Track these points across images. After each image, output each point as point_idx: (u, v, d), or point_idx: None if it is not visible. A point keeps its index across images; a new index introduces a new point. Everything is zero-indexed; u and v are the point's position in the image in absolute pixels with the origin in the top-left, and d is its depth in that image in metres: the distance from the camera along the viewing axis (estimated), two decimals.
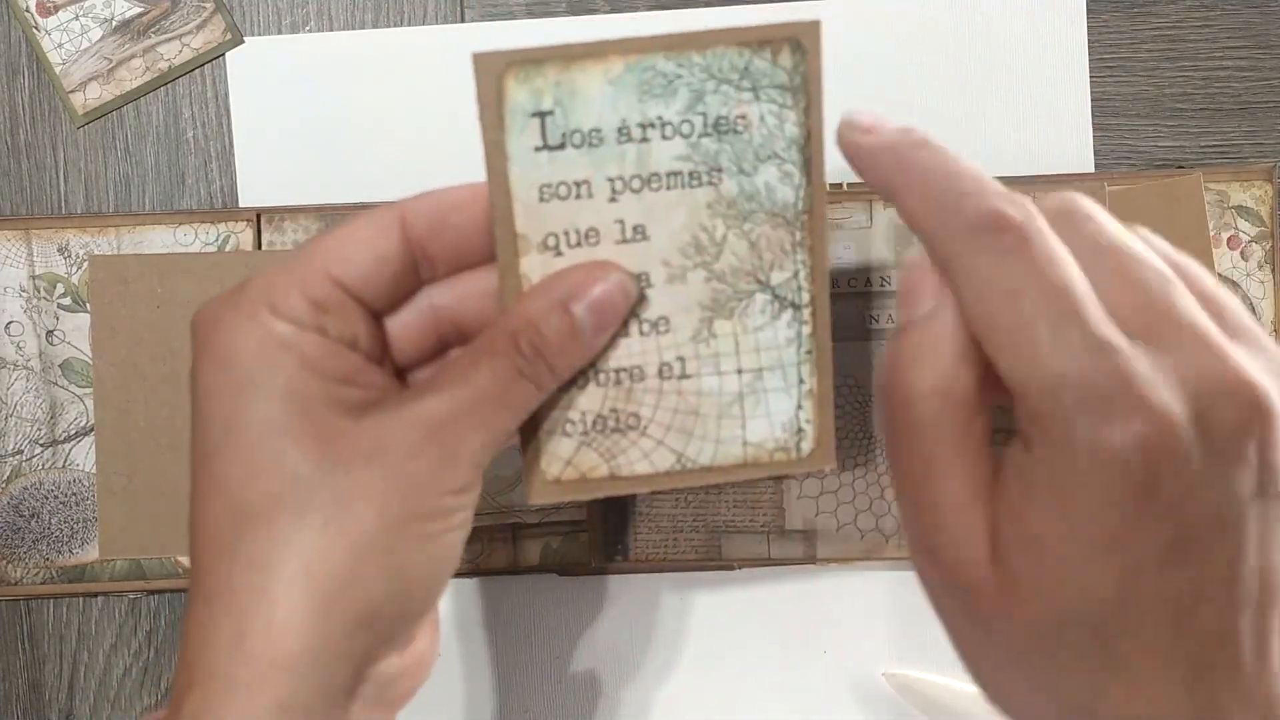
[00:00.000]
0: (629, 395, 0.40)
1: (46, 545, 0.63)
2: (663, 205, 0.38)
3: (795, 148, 0.39)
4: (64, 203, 0.64)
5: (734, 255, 0.39)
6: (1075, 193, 0.37)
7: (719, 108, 0.38)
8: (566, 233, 0.38)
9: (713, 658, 0.64)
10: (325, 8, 0.64)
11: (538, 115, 0.37)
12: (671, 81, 0.37)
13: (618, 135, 0.38)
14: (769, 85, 0.38)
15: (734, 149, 0.38)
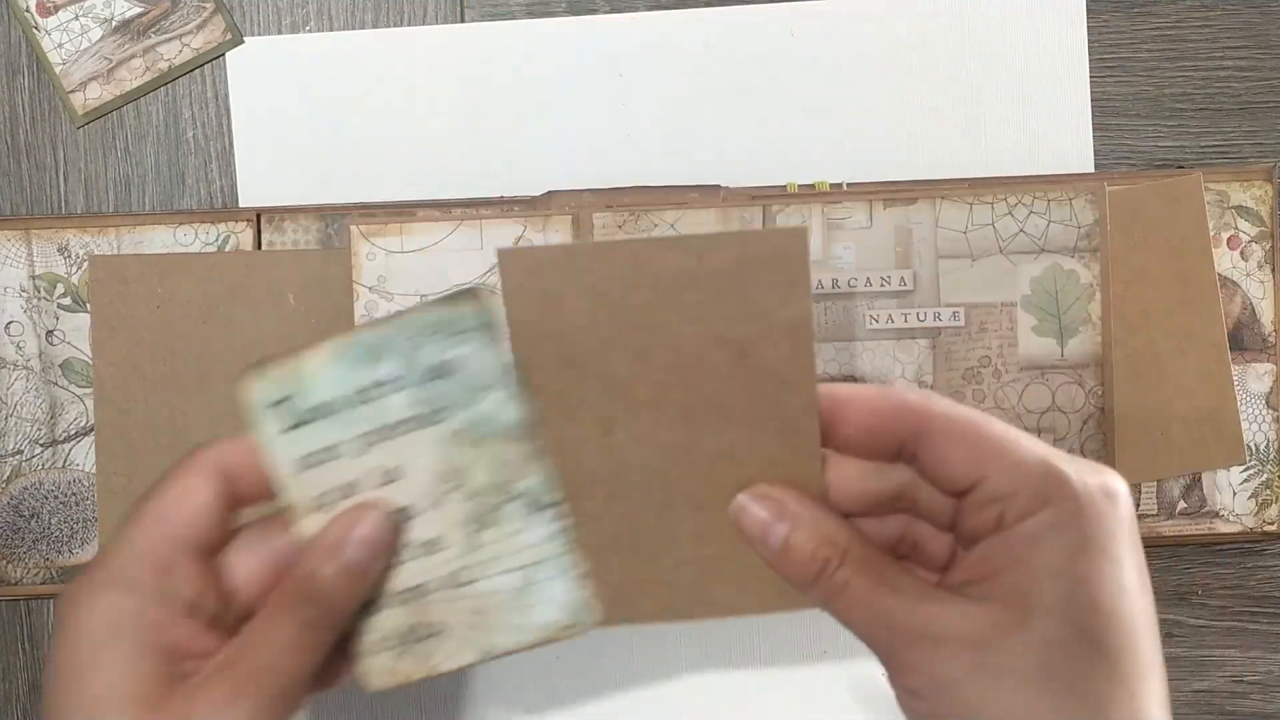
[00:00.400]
0: (424, 609, 0.44)
1: (46, 545, 0.63)
2: (408, 447, 0.43)
3: (507, 372, 0.43)
4: (64, 203, 0.64)
5: (481, 474, 0.43)
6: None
7: (430, 357, 0.43)
8: (330, 491, 0.43)
9: (713, 658, 0.64)
10: (325, 8, 0.64)
11: (275, 404, 0.42)
12: (378, 349, 0.43)
13: (350, 401, 0.43)
14: (467, 328, 0.43)
15: (455, 387, 0.43)
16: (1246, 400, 0.63)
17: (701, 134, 0.64)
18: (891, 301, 0.62)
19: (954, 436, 0.42)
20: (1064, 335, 0.62)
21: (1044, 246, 0.61)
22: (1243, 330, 0.63)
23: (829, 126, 0.64)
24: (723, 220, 0.62)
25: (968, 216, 0.61)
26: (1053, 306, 0.62)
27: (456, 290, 0.43)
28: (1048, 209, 0.61)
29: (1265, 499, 0.63)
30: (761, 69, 0.64)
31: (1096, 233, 0.61)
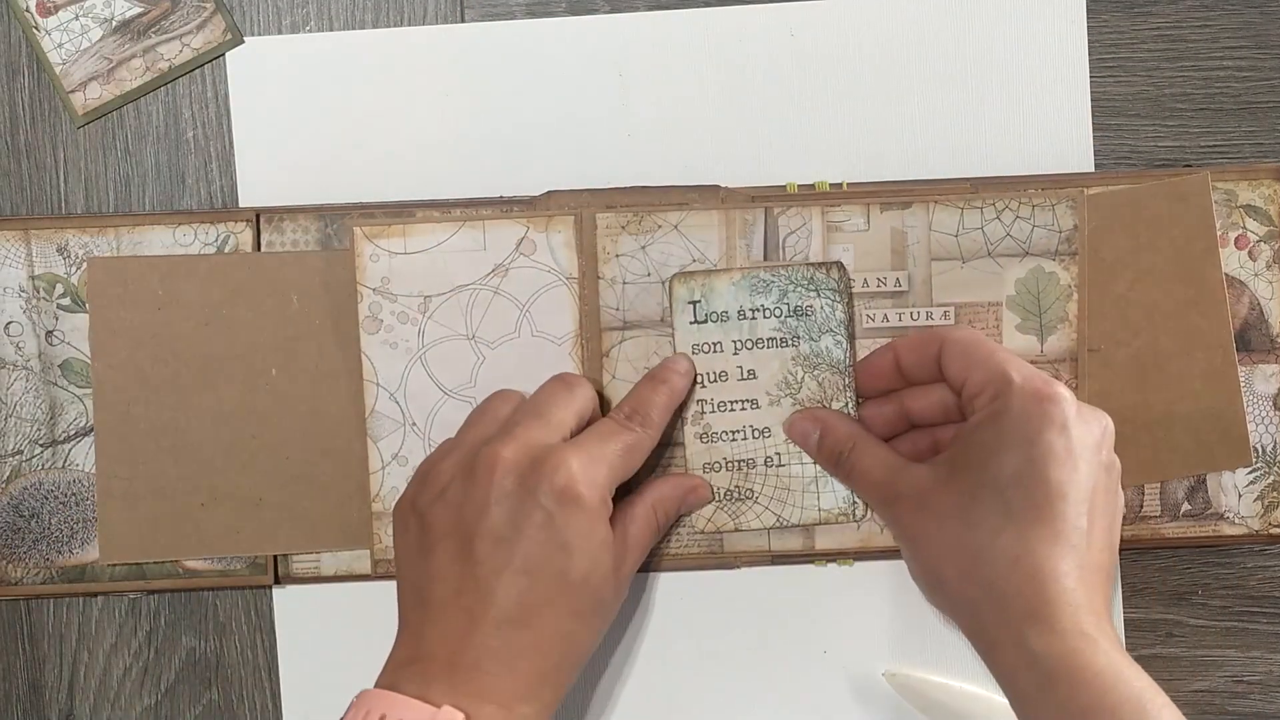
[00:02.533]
0: (747, 478, 0.63)
1: (46, 545, 0.63)
2: (765, 357, 0.62)
3: (843, 325, 0.62)
4: (64, 203, 0.64)
5: (809, 389, 0.62)
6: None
7: (798, 300, 0.62)
8: (707, 373, 0.62)
9: (713, 657, 0.64)
10: (325, 8, 0.64)
11: (691, 303, 0.62)
12: (768, 284, 0.62)
13: (738, 314, 0.62)
14: (826, 288, 0.62)
15: (806, 325, 0.62)
16: (1253, 402, 0.63)
17: (701, 134, 0.64)
18: (887, 301, 0.62)
19: (956, 350, 0.58)
20: (1044, 333, 0.62)
21: (1028, 250, 0.62)
22: (1250, 331, 0.63)
23: (829, 126, 0.64)
24: (723, 220, 0.62)
25: (959, 220, 0.61)
26: (1034, 306, 0.62)
27: (830, 262, 0.62)
28: (1032, 214, 0.61)
29: (1272, 501, 0.63)
30: (761, 69, 0.64)
31: (1076, 237, 0.61)
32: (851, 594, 0.64)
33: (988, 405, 0.56)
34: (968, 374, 0.57)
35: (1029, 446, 0.54)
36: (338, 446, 0.63)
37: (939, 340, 0.59)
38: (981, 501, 0.54)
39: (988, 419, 0.56)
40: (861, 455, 0.60)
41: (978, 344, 0.58)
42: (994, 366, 0.56)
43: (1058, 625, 0.52)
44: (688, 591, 0.64)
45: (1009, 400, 0.55)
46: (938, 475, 0.57)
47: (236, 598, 0.64)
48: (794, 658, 0.64)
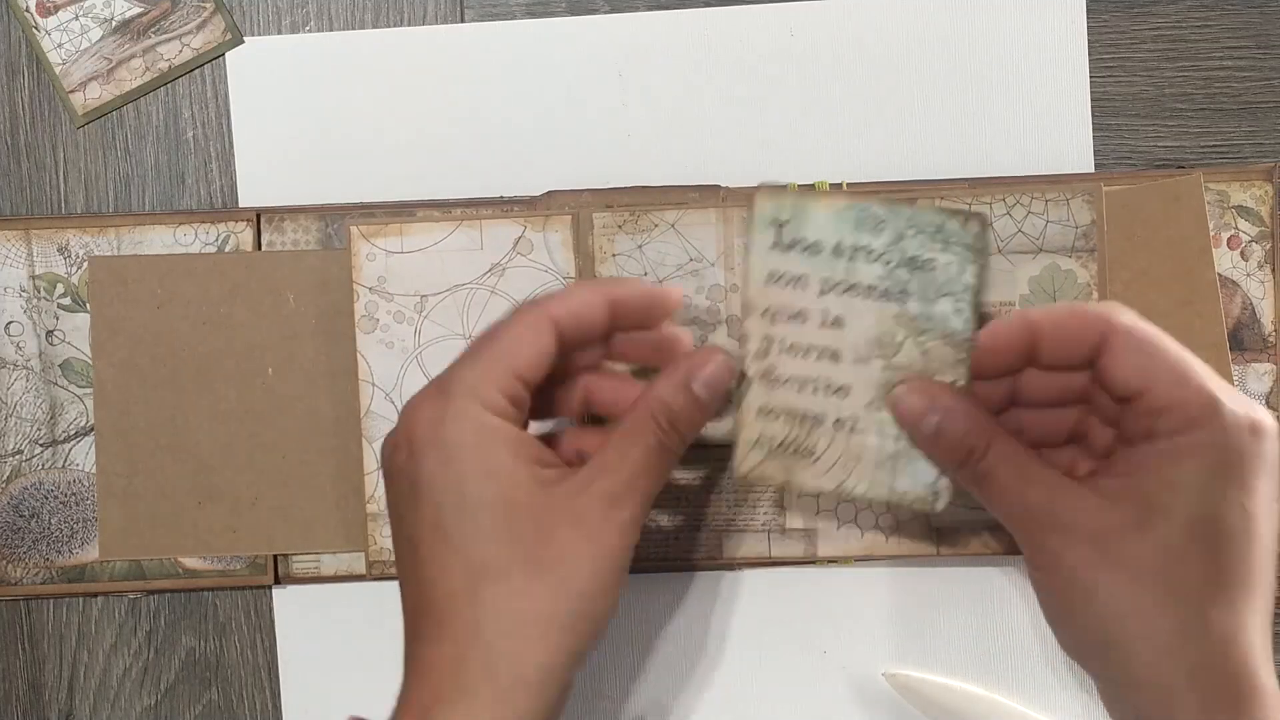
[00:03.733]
0: (810, 434, 0.52)
1: (46, 545, 0.63)
2: (859, 307, 0.51)
3: (969, 291, 0.51)
4: (64, 203, 0.64)
5: (908, 356, 0.51)
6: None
7: (916, 249, 0.50)
8: (781, 309, 0.52)
9: (713, 658, 0.64)
10: (325, 8, 0.64)
11: (775, 223, 0.51)
12: (881, 222, 0.50)
13: (833, 250, 0.51)
14: (957, 243, 0.50)
15: (922, 281, 0.51)
16: None
17: (701, 134, 0.64)
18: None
19: (1131, 347, 0.48)
20: None
21: (1042, 247, 0.61)
22: (1243, 330, 0.63)
23: (829, 126, 0.64)
24: (721, 219, 0.62)
25: None
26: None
27: (969, 211, 0.51)
28: (1045, 209, 0.61)
29: None
30: (761, 69, 0.64)
31: (1094, 233, 0.61)
32: (851, 594, 0.64)
33: (1185, 431, 0.46)
34: (1149, 383, 0.47)
35: (1246, 496, 0.45)
36: (334, 447, 0.63)
37: (1102, 325, 0.48)
38: (1190, 561, 0.45)
39: (1189, 451, 0.46)
40: (1002, 463, 0.48)
41: (1160, 343, 0.48)
42: (1193, 382, 0.46)
43: (1260, 717, 0.45)
44: (688, 591, 0.64)
45: (1221, 433, 0.45)
46: (1121, 513, 0.46)
47: (236, 598, 0.64)
48: (794, 658, 0.64)
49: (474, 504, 0.48)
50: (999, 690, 0.63)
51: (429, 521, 0.48)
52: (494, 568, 0.47)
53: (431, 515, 0.48)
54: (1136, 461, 0.47)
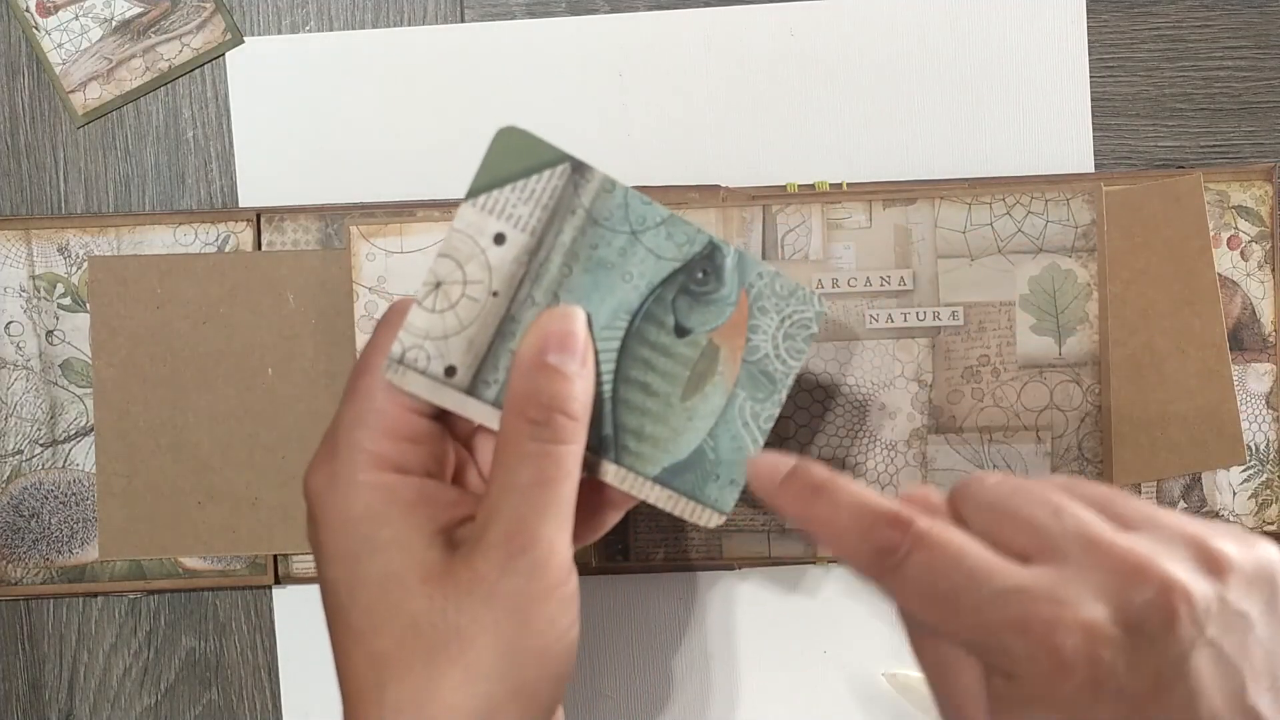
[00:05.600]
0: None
1: (46, 545, 0.63)
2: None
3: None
4: (64, 203, 0.64)
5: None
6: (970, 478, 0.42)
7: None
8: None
9: (713, 658, 0.64)
10: (325, 8, 0.64)
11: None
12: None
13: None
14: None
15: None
16: (1246, 400, 0.63)
17: (701, 134, 0.64)
18: (891, 301, 0.62)
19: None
20: (1062, 334, 0.62)
21: (1042, 246, 0.62)
22: (1243, 330, 0.63)
23: (829, 126, 0.64)
24: (720, 219, 0.62)
25: (966, 216, 0.61)
26: (1050, 306, 0.62)
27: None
28: (1045, 209, 0.61)
29: (1265, 499, 0.63)
30: (761, 69, 0.64)
31: (1094, 232, 0.61)
32: (851, 594, 0.64)
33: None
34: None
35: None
36: None
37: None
38: None
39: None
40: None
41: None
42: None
43: None
44: (687, 592, 0.64)
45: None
46: None
47: (236, 598, 0.64)
48: (794, 658, 0.64)
49: (368, 586, 0.42)
50: None
51: (331, 606, 0.43)
52: (394, 660, 0.41)
53: (333, 599, 0.43)
54: None
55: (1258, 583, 0.39)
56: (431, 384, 0.44)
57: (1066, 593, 0.37)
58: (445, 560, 0.42)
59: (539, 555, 0.42)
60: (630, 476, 0.46)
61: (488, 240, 0.44)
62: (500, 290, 0.44)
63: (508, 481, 0.42)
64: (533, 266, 0.44)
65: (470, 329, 0.44)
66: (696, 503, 0.46)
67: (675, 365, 0.45)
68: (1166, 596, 0.37)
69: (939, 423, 0.62)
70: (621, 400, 0.45)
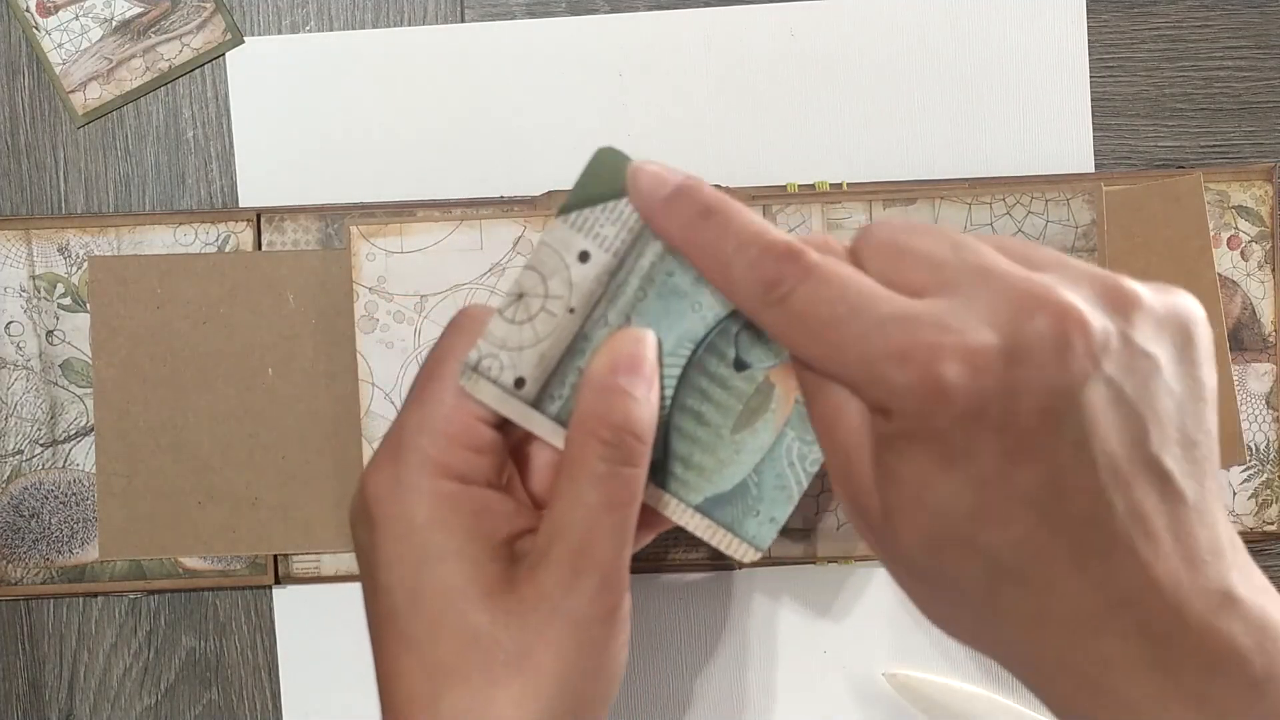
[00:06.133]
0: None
1: (46, 545, 0.63)
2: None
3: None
4: (64, 203, 0.64)
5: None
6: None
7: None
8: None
9: (713, 658, 0.64)
10: (325, 8, 0.64)
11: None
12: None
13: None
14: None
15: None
16: (1246, 400, 0.63)
17: (701, 134, 0.64)
18: None
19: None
20: None
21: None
22: (1243, 330, 0.63)
23: (829, 126, 0.64)
24: None
25: (966, 216, 0.61)
26: None
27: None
28: (1045, 209, 0.61)
29: (1265, 499, 0.63)
30: (761, 69, 0.64)
31: (1094, 232, 0.61)
32: (851, 594, 0.64)
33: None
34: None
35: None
36: (333, 447, 0.63)
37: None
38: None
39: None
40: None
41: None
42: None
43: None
44: (687, 592, 0.64)
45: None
46: None
47: (236, 598, 0.64)
48: (794, 658, 0.64)
49: (430, 595, 0.41)
50: (999, 690, 0.63)
51: (384, 613, 0.42)
52: (452, 670, 0.41)
53: (386, 606, 0.42)
54: None
55: (1168, 326, 0.37)
56: (501, 394, 0.44)
57: (952, 320, 0.35)
58: (507, 574, 0.42)
59: (603, 576, 0.41)
60: (674, 503, 0.46)
61: (573, 257, 0.44)
62: (577, 307, 0.44)
63: (575, 499, 0.41)
64: (611, 287, 0.44)
65: (544, 343, 0.44)
66: (735, 536, 0.46)
67: (730, 398, 0.45)
68: (1060, 324, 0.35)
69: None
70: (675, 427, 0.45)
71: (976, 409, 0.35)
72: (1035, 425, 0.35)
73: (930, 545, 0.37)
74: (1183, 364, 0.37)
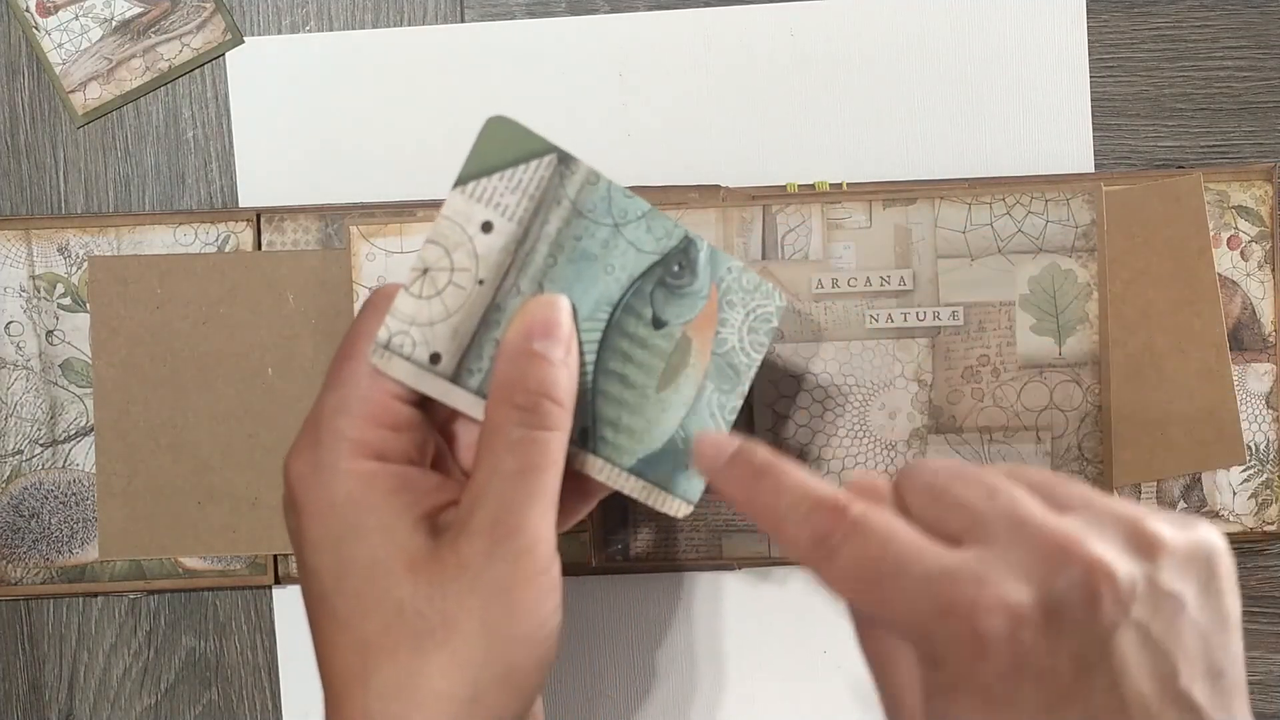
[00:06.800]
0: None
1: (46, 545, 0.63)
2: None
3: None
4: (64, 203, 0.64)
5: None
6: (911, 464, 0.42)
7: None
8: None
9: (713, 658, 0.64)
10: (325, 8, 0.64)
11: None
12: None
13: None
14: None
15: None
16: (1246, 400, 0.63)
17: (701, 134, 0.64)
18: (891, 301, 0.62)
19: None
20: (1062, 334, 0.62)
21: (1042, 246, 0.61)
22: (1243, 330, 0.63)
23: (829, 126, 0.64)
24: (720, 218, 0.62)
25: (966, 216, 0.61)
26: (1050, 306, 0.62)
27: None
28: (1045, 209, 0.61)
29: (1265, 499, 0.63)
30: (761, 69, 0.64)
31: (1094, 232, 0.61)
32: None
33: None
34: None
35: None
36: None
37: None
38: None
39: None
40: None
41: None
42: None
43: None
44: (687, 592, 0.64)
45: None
46: None
47: (236, 598, 0.64)
48: (794, 658, 0.64)
49: (353, 572, 0.42)
50: None
51: (314, 594, 0.43)
52: (380, 645, 0.41)
53: (315, 588, 0.43)
54: None
55: (1192, 564, 0.38)
56: (416, 371, 0.44)
57: (989, 573, 0.37)
58: (430, 546, 0.42)
59: (524, 542, 0.42)
60: (607, 467, 0.46)
61: (475, 228, 0.44)
62: (486, 279, 0.44)
63: (493, 467, 0.42)
64: (519, 256, 0.44)
65: (455, 316, 0.44)
66: (667, 493, 0.47)
67: (651, 357, 0.46)
68: (1089, 576, 0.36)
69: (939, 423, 0.62)
70: (600, 391, 0.46)
71: (1016, 662, 0.36)
72: (1071, 673, 0.36)
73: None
74: (1207, 596, 0.38)
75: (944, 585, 0.37)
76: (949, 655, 0.37)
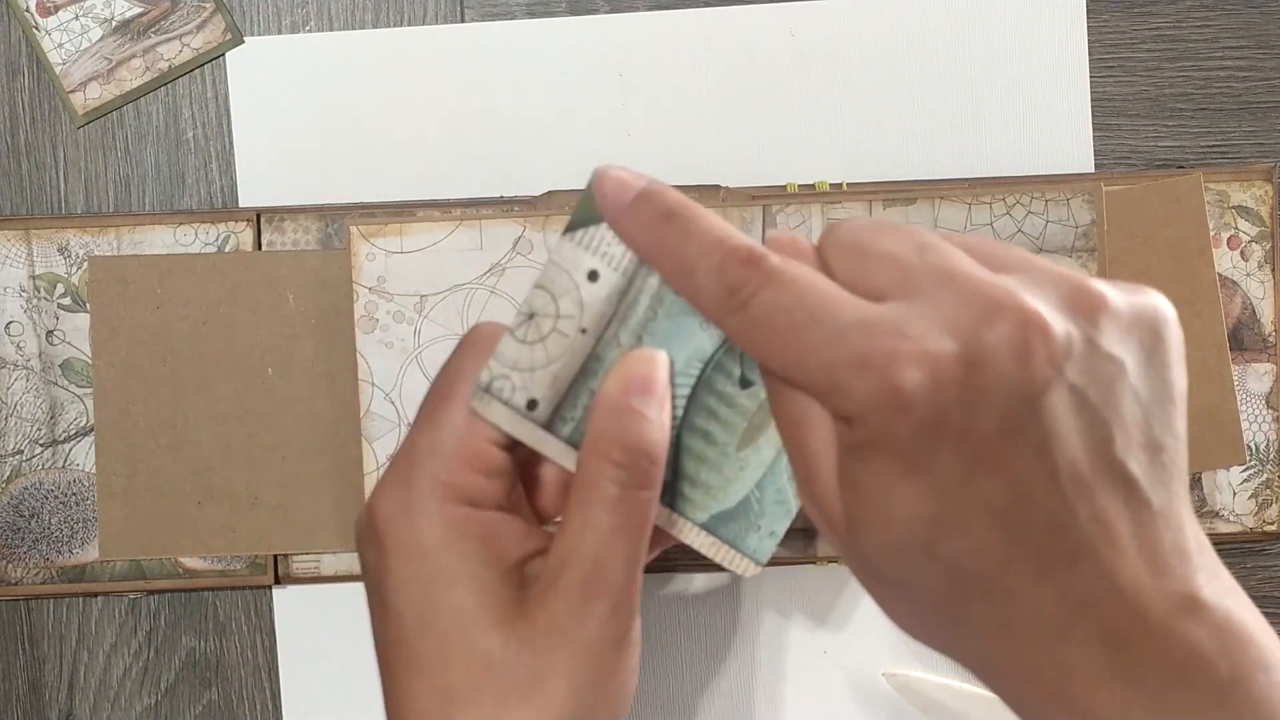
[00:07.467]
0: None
1: (46, 545, 0.63)
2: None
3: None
4: (64, 203, 0.64)
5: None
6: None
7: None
8: None
9: (713, 657, 0.64)
10: (325, 8, 0.64)
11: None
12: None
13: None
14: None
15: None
16: (1246, 400, 0.63)
17: (701, 134, 0.64)
18: None
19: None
20: None
21: (1042, 246, 0.61)
22: (1243, 330, 0.63)
23: (829, 126, 0.64)
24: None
25: (966, 216, 0.61)
26: None
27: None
28: (1045, 209, 0.61)
29: (1265, 499, 0.63)
30: (761, 69, 0.64)
31: (1094, 232, 0.61)
32: (852, 595, 0.64)
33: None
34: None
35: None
36: (333, 447, 0.63)
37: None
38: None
39: None
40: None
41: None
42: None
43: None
44: (687, 592, 0.64)
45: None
46: None
47: (236, 598, 0.64)
48: (794, 658, 0.64)
49: (439, 619, 0.41)
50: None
51: (394, 637, 0.42)
52: (463, 694, 0.40)
53: (396, 630, 0.42)
54: None
55: (1136, 328, 0.36)
56: (514, 416, 0.43)
57: (912, 326, 0.34)
58: (518, 598, 0.42)
59: (614, 602, 0.41)
60: (682, 521, 0.45)
61: (582, 276, 0.44)
62: (589, 328, 0.44)
63: (586, 523, 0.41)
64: (621, 307, 0.44)
65: (556, 364, 0.43)
66: (737, 551, 0.46)
67: (736, 416, 0.45)
68: (1021, 329, 0.34)
69: None
70: (685, 447, 0.45)
71: (937, 418, 0.34)
72: (996, 434, 0.34)
73: (892, 553, 0.36)
74: (1150, 366, 0.36)
75: (862, 336, 0.35)
76: (865, 412, 0.35)
